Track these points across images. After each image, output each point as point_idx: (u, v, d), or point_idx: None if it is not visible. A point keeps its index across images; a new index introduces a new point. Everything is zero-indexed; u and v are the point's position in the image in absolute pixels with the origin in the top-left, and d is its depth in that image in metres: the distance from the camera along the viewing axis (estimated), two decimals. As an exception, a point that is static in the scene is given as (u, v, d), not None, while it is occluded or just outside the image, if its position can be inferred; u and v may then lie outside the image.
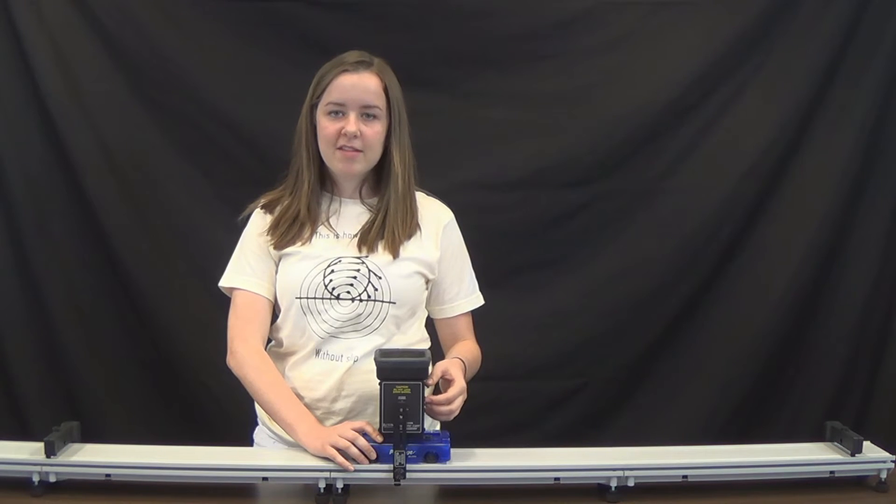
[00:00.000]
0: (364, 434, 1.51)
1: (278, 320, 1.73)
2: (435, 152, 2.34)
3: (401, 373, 1.49)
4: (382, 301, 1.66)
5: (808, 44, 2.45)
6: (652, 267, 2.51)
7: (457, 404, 1.57)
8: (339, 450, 1.49)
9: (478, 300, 1.81)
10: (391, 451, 1.48)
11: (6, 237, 2.39)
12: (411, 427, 1.49)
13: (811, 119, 2.48)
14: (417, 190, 1.76)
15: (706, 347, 2.55)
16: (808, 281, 2.52)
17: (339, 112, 1.65)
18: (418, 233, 1.71)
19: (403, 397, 1.48)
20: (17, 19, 2.31)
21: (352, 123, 1.63)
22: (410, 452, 1.50)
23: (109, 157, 2.38)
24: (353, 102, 1.64)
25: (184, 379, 2.44)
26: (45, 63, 2.32)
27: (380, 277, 1.67)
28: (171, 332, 2.43)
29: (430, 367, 1.56)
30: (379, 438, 1.51)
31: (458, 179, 2.37)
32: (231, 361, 1.68)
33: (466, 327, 1.80)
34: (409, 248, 1.69)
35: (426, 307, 1.78)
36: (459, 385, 1.58)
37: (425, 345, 1.76)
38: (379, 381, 1.49)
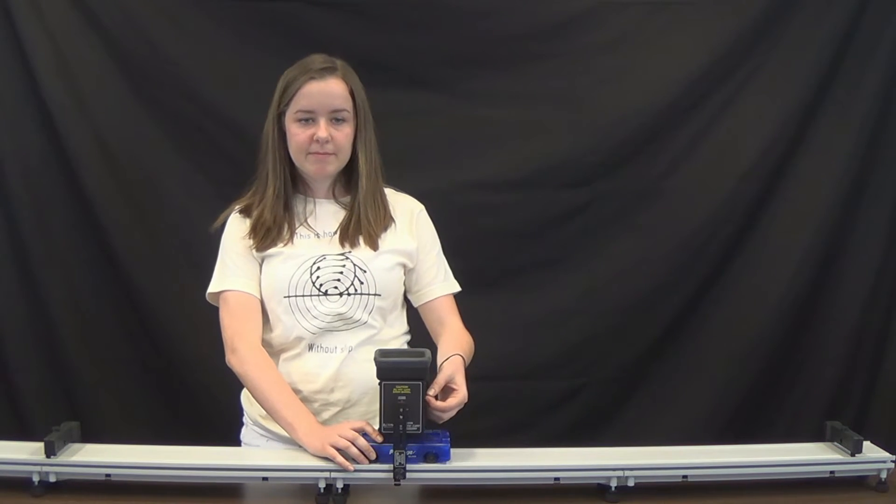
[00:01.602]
0: (364, 434, 1.52)
1: (269, 323, 1.73)
2: (435, 152, 2.37)
3: (401, 373, 1.49)
4: (368, 294, 1.69)
5: (808, 44, 2.45)
6: (652, 267, 2.51)
7: (450, 414, 1.57)
8: (338, 450, 1.49)
9: (455, 285, 1.81)
10: (391, 451, 1.48)
11: (6, 237, 2.38)
12: (411, 427, 1.49)
13: (811, 119, 2.48)
14: (386, 186, 1.78)
15: (706, 347, 2.55)
16: (807, 281, 2.52)
17: (308, 119, 1.66)
18: (393, 225, 1.75)
19: (403, 397, 1.48)
20: (17, 20, 2.30)
21: (323, 129, 1.65)
22: (410, 452, 1.50)
23: (109, 157, 2.38)
24: (322, 108, 1.66)
25: (183, 378, 2.44)
26: (45, 63, 2.32)
27: (365, 271, 1.69)
28: (171, 331, 2.43)
29: (428, 368, 1.56)
30: (379, 438, 1.51)
31: (458, 179, 2.37)
32: (232, 359, 1.68)
33: (450, 309, 1.80)
34: (387, 241, 1.72)
35: (409, 296, 1.80)
36: (460, 396, 1.58)
37: (409, 336, 1.79)
38: (379, 381, 1.49)
